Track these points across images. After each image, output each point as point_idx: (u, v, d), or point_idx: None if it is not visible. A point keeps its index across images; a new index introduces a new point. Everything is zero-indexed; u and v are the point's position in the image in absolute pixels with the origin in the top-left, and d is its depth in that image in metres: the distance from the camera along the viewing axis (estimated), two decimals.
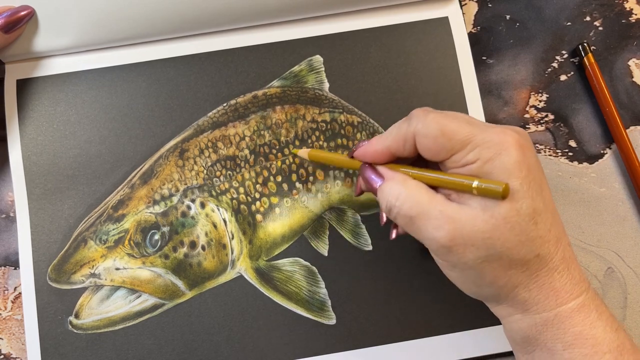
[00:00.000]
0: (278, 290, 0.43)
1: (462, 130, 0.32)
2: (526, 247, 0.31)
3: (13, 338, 0.43)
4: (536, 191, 0.31)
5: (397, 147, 0.34)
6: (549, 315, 0.32)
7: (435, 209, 0.31)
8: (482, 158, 0.31)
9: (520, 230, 0.31)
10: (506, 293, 0.33)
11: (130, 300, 0.42)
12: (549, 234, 0.31)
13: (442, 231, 0.31)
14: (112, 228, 0.43)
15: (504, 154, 0.31)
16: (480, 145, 0.31)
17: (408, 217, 0.32)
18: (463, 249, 0.31)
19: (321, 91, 0.45)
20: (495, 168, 0.31)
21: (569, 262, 0.32)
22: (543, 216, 0.31)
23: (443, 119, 0.32)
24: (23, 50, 0.44)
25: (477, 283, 0.33)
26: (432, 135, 0.32)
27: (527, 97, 0.46)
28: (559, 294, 0.32)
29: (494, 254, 0.31)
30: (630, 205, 0.45)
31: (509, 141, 0.31)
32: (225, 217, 0.43)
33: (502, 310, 0.34)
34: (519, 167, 0.31)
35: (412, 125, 0.33)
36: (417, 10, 0.46)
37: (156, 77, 0.45)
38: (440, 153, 0.32)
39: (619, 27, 0.47)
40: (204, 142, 0.44)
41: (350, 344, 0.42)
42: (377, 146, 0.35)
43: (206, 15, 0.44)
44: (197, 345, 0.42)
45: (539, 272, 0.32)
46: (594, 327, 0.31)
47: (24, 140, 0.44)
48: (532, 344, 0.33)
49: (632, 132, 0.46)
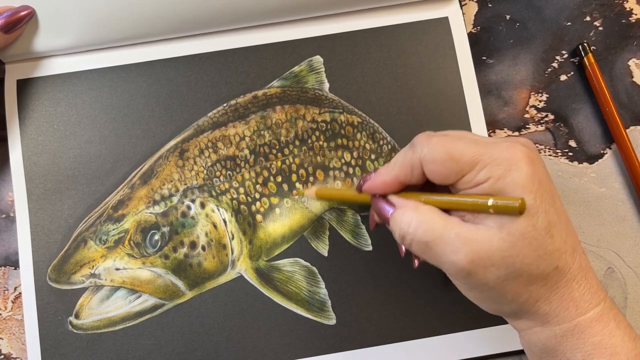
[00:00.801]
0: (278, 290, 0.43)
1: (469, 151, 0.31)
2: (545, 261, 0.31)
3: (13, 338, 0.43)
4: (549, 203, 0.31)
5: (405, 176, 0.34)
6: (569, 325, 0.32)
7: (451, 232, 0.31)
8: (493, 176, 0.31)
9: (538, 244, 0.30)
10: (527, 308, 0.32)
11: (130, 300, 0.42)
12: (566, 245, 0.31)
13: (460, 254, 0.31)
14: (112, 228, 0.43)
15: (515, 170, 0.31)
16: (489, 164, 0.31)
17: (423, 242, 0.32)
18: (483, 271, 0.31)
19: (321, 91, 0.45)
20: (507, 185, 0.31)
21: (586, 270, 0.32)
22: (558, 228, 0.31)
23: (448, 141, 0.32)
24: (23, 50, 0.44)
25: (498, 301, 0.33)
26: (440, 159, 0.32)
27: (527, 97, 0.46)
28: (579, 303, 0.32)
29: (513, 271, 0.31)
30: (630, 205, 0.45)
31: (518, 156, 0.31)
32: (225, 217, 0.43)
33: (521, 324, 0.34)
34: (531, 181, 0.30)
35: (417, 151, 0.33)
36: (417, 10, 0.46)
37: (156, 78, 0.45)
38: (449, 176, 0.32)
39: (619, 27, 0.47)
40: (204, 142, 0.44)
41: (350, 344, 0.42)
42: (385, 177, 0.35)
43: (206, 15, 0.44)
44: (197, 346, 0.42)
45: (558, 283, 0.31)
46: (612, 336, 0.31)
47: (24, 140, 0.44)
48: (551, 355, 0.33)
49: (632, 132, 0.46)
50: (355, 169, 0.44)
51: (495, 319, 0.42)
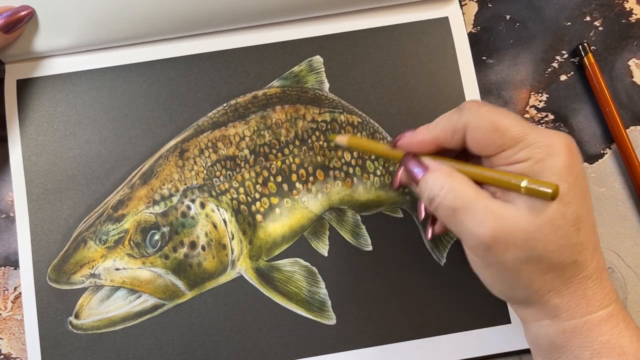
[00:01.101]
0: (278, 290, 0.43)
1: (515, 127, 0.31)
2: (566, 252, 0.31)
3: (13, 338, 0.43)
4: (581, 198, 0.31)
5: (445, 138, 0.34)
6: (579, 322, 0.32)
7: (480, 204, 0.31)
8: (533, 157, 0.31)
9: (563, 234, 0.30)
10: (539, 297, 0.32)
11: (130, 300, 0.42)
12: (589, 242, 0.31)
13: (484, 227, 0.30)
14: (112, 228, 0.43)
15: (555, 156, 0.30)
16: (532, 145, 0.31)
17: (451, 208, 0.32)
18: (504, 248, 0.31)
19: (321, 91, 0.45)
20: (545, 169, 0.30)
21: (602, 271, 0.32)
22: (585, 223, 0.31)
23: (497, 114, 0.32)
24: (23, 50, 0.44)
25: (511, 285, 0.32)
26: (484, 128, 0.32)
27: (527, 97, 0.46)
28: (590, 302, 0.31)
29: (534, 255, 0.31)
30: (630, 205, 0.45)
31: (560, 144, 0.31)
32: (225, 217, 0.43)
33: (529, 315, 0.34)
34: (568, 171, 0.30)
35: (463, 116, 0.33)
36: (417, 10, 0.46)
37: (156, 78, 0.45)
38: (490, 148, 0.32)
39: (619, 27, 0.47)
40: (204, 142, 0.44)
41: (350, 344, 0.42)
42: (424, 136, 0.34)
43: (206, 15, 0.44)
44: (197, 346, 0.42)
45: (574, 278, 0.31)
46: (621, 337, 0.31)
47: (24, 140, 0.44)
48: (558, 350, 0.33)
49: (632, 132, 0.46)
50: (355, 169, 0.44)
51: (496, 319, 0.42)
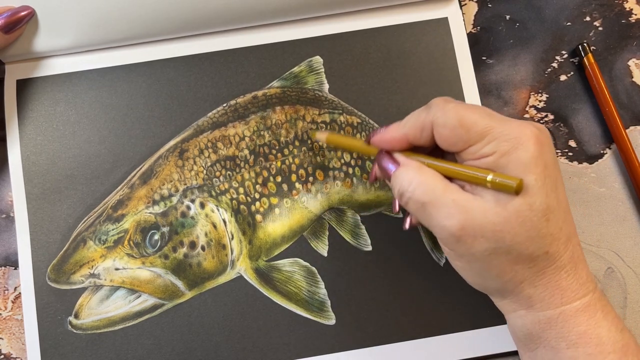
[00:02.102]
0: (278, 290, 0.43)
1: (481, 122, 0.32)
2: (536, 243, 0.31)
3: (13, 338, 0.43)
4: (551, 188, 0.31)
5: (415, 135, 0.34)
6: (554, 313, 0.32)
7: (449, 197, 0.31)
8: (498, 151, 0.31)
9: (532, 225, 0.30)
10: (511, 288, 0.32)
11: (129, 300, 0.42)
12: (560, 233, 0.31)
13: (452, 220, 0.31)
14: (111, 228, 0.43)
15: (521, 149, 0.31)
16: (497, 138, 0.31)
17: (420, 203, 0.32)
18: (472, 240, 0.31)
19: (321, 92, 0.45)
20: (511, 162, 0.31)
21: (577, 262, 0.32)
22: (556, 214, 0.31)
23: (462, 109, 0.32)
24: (23, 50, 0.44)
25: (483, 275, 0.33)
26: (450, 125, 0.32)
27: (527, 97, 0.46)
28: (565, 292, 0.32)
29: (502, 247, 0.31)
30: (630, 205, 0.45)
31: (527, 135, 0.31)
32: (224, 217, 0.43)
33: (506, 306, 0.34)
34: (535, 163, 0.31)
35: (430, 113, 0.33)
36: (416, 10, 0.46)
37: (156, 78, 0.45)
38: (457, 144, 0.32)
39: (619, 27, 0.47)
40: (204, 142, 0.44)
41: (350, 344, 0.42)
42: (395, 133, 0.35)
43: (206, 15, 0.44)
44: (196, 346, 0.42)
45: (546, 269, 0.32)
46: (598, 326, 0.31)
47: (24, 140, 0.44)
48: (535, 341, 0.33)
49: (632, 132, 0.46)
50: (354, 169, 0.44)
51: (496, 319, 0.42)
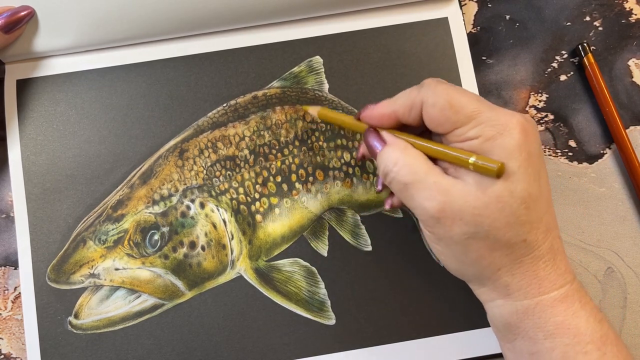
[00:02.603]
0: (278, 290, 0.43)
1: (470, 105, 0.32)
2: (514, 230, 0.31)
3: (13, 338, 0.43)
4: (533, 177, 0.31)
5: (404, 113, 0.34)
6: (531, 303, 0.32)
7: (430, 179, 0.32)
8: (484, 135, 0.31)
9: (511, 212, 0.31)
10: (488, 275, 0.33)
11: (129, 300, 0.42)
12: (540, 222, 0.31)
13: (433, 202, 0.31)
14: (111, 228, 0.43)
15: (507, 135, 0.31)
16: (484, 123, 0.31)
17: (403, 183, 0.33)
18: (451, 222, 0.31)
19: (321, 92, 0.45)
20: (495, 147, 0.31)
21: (556, 253, 0.32)
22: (536, 203, 0.31)
23: (453, 91, 0.32)
24: (23, 50, 0.44)
25: (461, 260, 0.33)
26: (440, 105, 0.32)
27: (527, 97, 0.46)
28: (542, 282, 0.32)
29: (480, 231, 0.31)
30: (630, 205, 0.45)
31: (513, 123, 0.31)
32: (224, 217, 0.43)
33: (484, 294, 0.34)
34: (519, 150, 0.31)
35: (421, 92, 0.33)
36: (416, 10, 0.46)
37: (156, 78, 0.45)
38: (444, 125, 0.32)
39: (619, 27, 0.47)
40: (204, 142, 0.44)
41: (350, 344, 0.42)
42: (384, 109, 0.35)
43: (206, 15, 0.44)
44: (196, 346, 0.42)
45: (523, 258, 0.32)
46: (576, 317, 0.31)
47: (24, 140, 0.44)
48: (513, 332, 0.33)
49: (632, 132, 0.46)
50: (354, 169, 0.44)
51: None
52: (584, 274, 0.44)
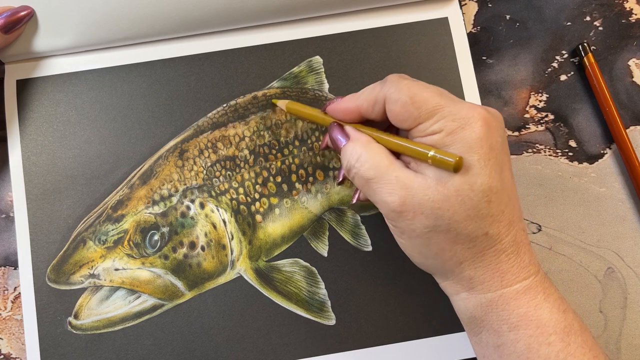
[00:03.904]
0: (278, 290, 0.43)
1: (431, 101, 0.32)
2: (475, 223, 0.31)
3: (13, 338, 0.43)
4: (495, 170, 0.31)
5: (367, 108, 0.35)
6: (494, 295, 0.32)
7: (392, 174, 0.32)
8: (445, 129, 0.31)
9: (471, 205, 0.31)
10: (451, 268, 0.33)
11: (129, 300, 0.42)
12: (502, 215, 0.31)
13: (394, 196, 0.32)
14: (111, 228, 0.43)
15: (468, 129, 0.31)
16: (446, 117, 0.31)
17: (365, 179, 0.33)
18: (412, 216, 0.31)
19: (321, 92, 0.45)
20: (456, 141, 0.31)
21: (520, 246, 0.32)
22: (498, 196, 0.31)
23: (415, 87, 0.33)
24: (23, 50, 0.44)
25: (424, 253, 0.33)
26: (402, 101, 0.32)
27: (527, 97, 0.46)
28: (505, 275, 0.32)
29: (441, 225, 0.31)
30: (630, 205, 0.45)
31: (475, 117, 0.31)
32: (224, 217, 0.43)
33: (449, 287, 0.34)
34: (479, 144, 0.31)
35: (384, 88, 0.34)
36: (416, 10, 0.46)
37: (156, 78, 0.45)
38: (407, 120, 0.33)
39: (619, 27, 0.47)
40: (204, 142, 0.44)
41: (350, 345, 0.42)
42: (348, 104, 0.35)
43: (206, 15, 0.44)
44: (196, 346, 0.42)
45: (485, 251, 0.32)
46: (539, 308, 0.32)
47: (24, 140, 0.44)
48: (479, 324, 0.33)
49: (632, 132, 0.46)
50: None
51: None
52: (584, 274, 0.44)
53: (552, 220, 0.45)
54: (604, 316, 0.43)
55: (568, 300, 0.43)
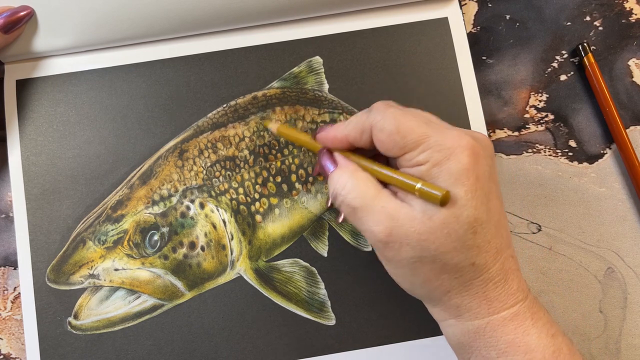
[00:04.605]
0: (277, 291, 0.43)
1: (417, 130, 0.32)
2: (461, 254, 0.31)
3: (13, 338, 0.43)
4: (481, 201, 0.31)
5: (355, 137, 0.34)
6: (481, 323, 0.32)
7: (378, 203, 0.32)
8: (431, 161, 0.31)
9: (457, 237, 0.30)
10: (439, 296, 0.33)
11: (129, 301, 0.42)
12: (488, 245, 0.31)
13: (380, 226, 0.31)
14: (111, 229, 0.43)
15: (453, 160, 0.31)
16: (432, 148, 0.31)
17: (351, 207, 0.33)
18: (399, 246, 0.31)
19: (321, 92, 0.45)
20: (442, 173, 0.31)
21: (508, 273, 0.32)
22: (484, 226, 0.31)
23: (401, 115, 0.32)
24: (23, 50, 0.44)
25: (411, 282, 0.33)
26: (388, 130, 0.32)
27: (527, 97, 0.46)
28: (492, 303, 0.32)
29: (427, 256, 0.31)
30: (630, 205, 0.45)
31: (461, 146, 0.31)
32: (224, 217, 0.43)
33: (437, 314, 0.34)
34: (466, 175, 0.31)
35: (370, 117, 0.33)
36: (416, 10, 0.46)
37: (156, 78, 0.45)
38: (393, 149, 0.32)
39: (619, 27, 0.47)
40: (204, 142, 0.44)
41: (350, 345, 0.42)
42: (337, 132, 0.35)
43: (206, 15, 0.44)
44: (196, 346, 0.42)
45: (472, 280, 0.32)
46: (527, 334, 0.31)
47: (23, 140, 0.44)
48: (467, 350, 0.33)
49: (632, 132, 0.46)
50: None
51: None
52: (584, 274, 0.44)
53: (552, 220, 0.45)
54: (604, 316, 0.43)
55: (568, 301, 0.43)
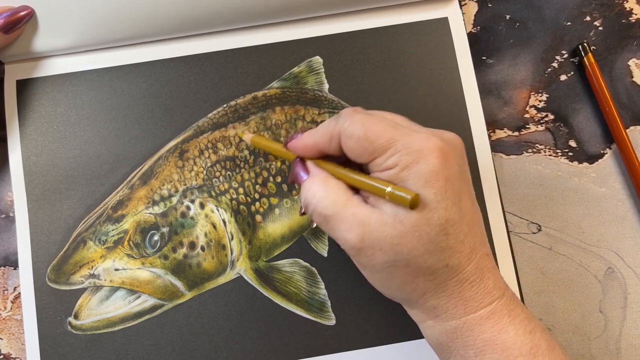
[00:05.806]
0: (278, 291, 0.43)
1: (385, 134, 0.31)
2: (434, 256, 0.31)
3: (13, 338, 0.43)
4: (452, 201, 0.31)
5: (324, 145, 0.34)
6: (458, 323, 0.32)
7: (349, 210, 0.32)
8: (400, 164, 0.31)
9: (429, 239, 0.30)
10: (415, 298, 0.33)
11: (129, 301, 0.42)
12: (462, 245, 0.31)
13: (352, 233, 0.31)
14: (111, 229, 0.43)
15: (422, 162, 0.31)
16: (400, 151, 0.31)
17: (323, 216, 0.33)
18: (372, 252, 0.31)
19: (321, 92, 0.45)
20: (411, 175, 0.31)
21: (483, 272, 0.32)
22: (456, 227, 0.31)
23: (369, 121, 0.32)
24: (23, 50, 0.44)
25: (387, 286, 0.33)
26: (356, 137, 0.32)
27: (527, 97, 0.46)
28: (468, 303, 0.32)
29: (400, 259, 0.31)
30: (630, 205, 0.45)
31: (430, 148, 0.31)
32: (224, 217, 0.43)
33: (415, 315, 0.35)
34: (435, 177, 0.30)
35: (339, 124, 0.33)
36: (416, 10, 0.46)
37: (156, 78, 0.45)
38: (362, 155, 0.32)
39: (619, 27, 0.47)
40: (204, 142, 0.44)
41: (350, 345, 0.42)
42: (307, 141, 0.35)
43: (206, 15, 0.44)
44: (196, 346, 0.42)
45: (447, 281, 0.32)
46: (504, 332, 0.31)
47: (24, 140, 0.44)
48: (446, 350, 0.33)
49: (632, 132, 0.46)
50: None
51: None
52: (584, 274, 0.44)
53: (552, 220, 0.45)
54: (604, 316, 0.43)
55: (568, 301, 0.43)
